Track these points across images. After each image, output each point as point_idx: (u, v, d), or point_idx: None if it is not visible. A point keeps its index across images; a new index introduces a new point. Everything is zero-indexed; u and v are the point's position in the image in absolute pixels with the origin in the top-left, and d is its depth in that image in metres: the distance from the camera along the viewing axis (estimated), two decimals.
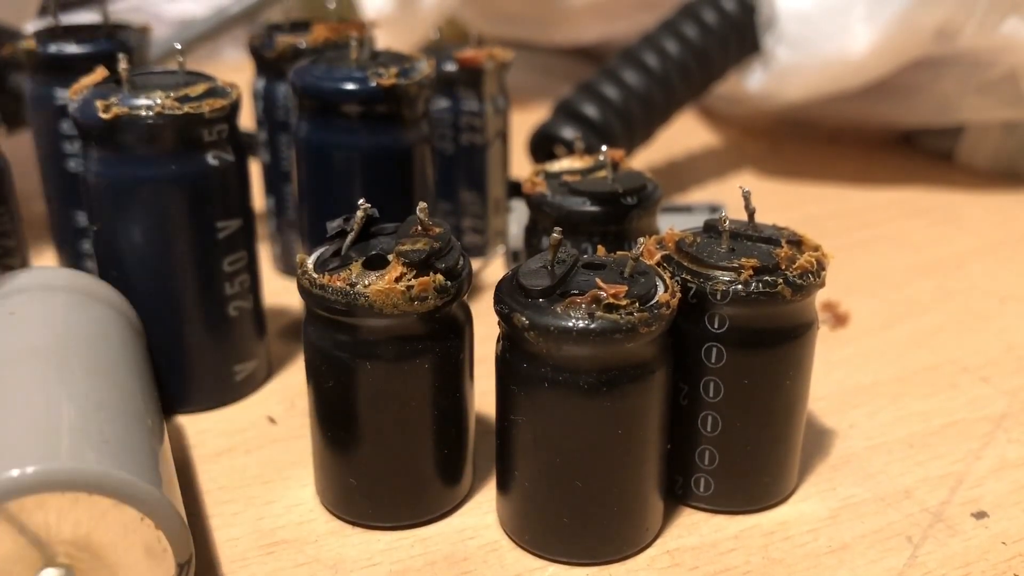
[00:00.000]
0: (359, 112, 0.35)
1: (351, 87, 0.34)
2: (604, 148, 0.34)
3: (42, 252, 0.44)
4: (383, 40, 0.44)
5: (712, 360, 0.27)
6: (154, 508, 0.23)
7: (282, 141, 0.42)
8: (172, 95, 0.30)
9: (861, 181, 0.56)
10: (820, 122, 0.62)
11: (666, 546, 0.28)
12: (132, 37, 0.40)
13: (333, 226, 0.27)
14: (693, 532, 0.29)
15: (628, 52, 0.51)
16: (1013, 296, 0.43)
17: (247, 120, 0.38)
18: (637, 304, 0.25)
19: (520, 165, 0.50)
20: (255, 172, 0.37)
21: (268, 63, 0.42)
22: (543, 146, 0.49)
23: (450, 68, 0.42)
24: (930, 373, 0.37)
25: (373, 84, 0.34)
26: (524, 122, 0.51)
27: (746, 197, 0.29)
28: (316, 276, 0.26)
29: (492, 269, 0.45)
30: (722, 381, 0.28)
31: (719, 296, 0.27)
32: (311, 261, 0.27)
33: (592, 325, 0.24)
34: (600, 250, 0.28)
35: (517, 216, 0.44)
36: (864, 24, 0.49)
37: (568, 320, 0.24)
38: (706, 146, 0.63)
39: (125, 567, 0.23)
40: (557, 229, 0.26)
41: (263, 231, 0.43)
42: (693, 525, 0.29)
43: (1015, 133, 0.56)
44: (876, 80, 0.52)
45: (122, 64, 0.31)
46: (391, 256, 0.26)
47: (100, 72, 0.32)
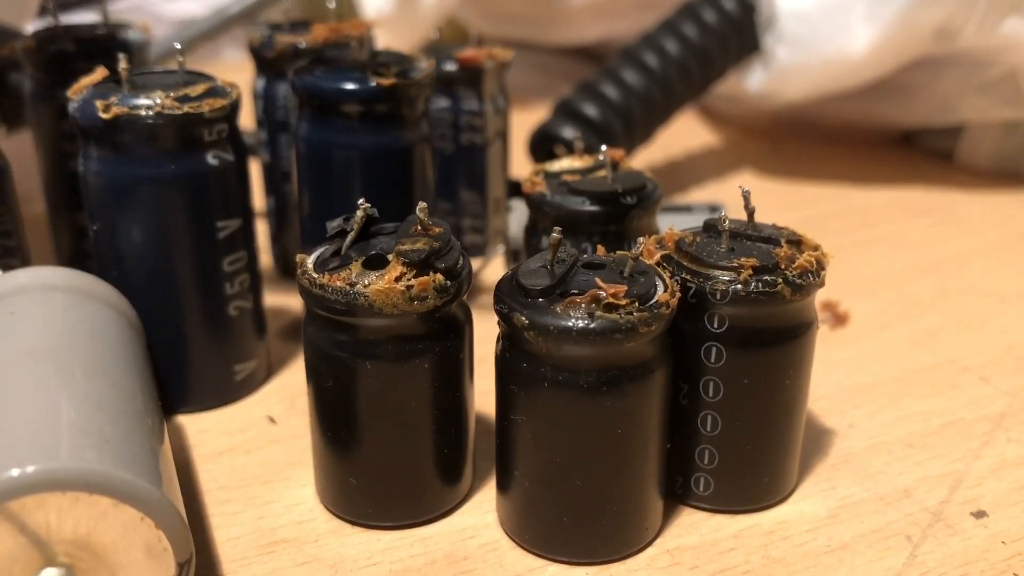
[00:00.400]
0: (359, 112, 0.35)
1: (351, 87, 0.34)
2: (604, 148, 0.34)
3: (42, 252, 0.44)
4: (383, 40, 0.44)
5: (712, 360, 0.27)
6: (154, 508, 0.23)
7: (282, 141, 0.42)
8: (172, 95, 0.30)
9: (861, 181, 0.56)
10: (820, 122, 0.62)
11: (666, 545, 0.28)
12: (132, 37, 0.40)
13: (333, 226, 0.27)
14: (693, 531, 0.29)
15: (628, 52, 0.51)
16: (1013, 296, 0.43)
17: (247, 120, 0.38)
18: (637, 304, 0.25)
19: (520, 165, 0.50)
20: (255, 172, 0.37)
21: (268, 63, 0.42)
22: (543, 146, 0.49)
23: (450, 68, 0.42)
24: (930, 373, 0.37)
25: (373, 84, 0.34)
26: (524, 122, 0.51)
27: (746, 197, 0.29)
28: (316, 276, 0.26)
29: (492, 269, 0.45)
30: (722, 381, 0.28)
31: (719, 296, 0.27)
32: (311, 261, 0.27)
33: (592, 325, 0.24)
34: (600, 250, 0.28)
35: (517, 216, 0.44)
36: (864, 24, 0.49)
37: (568, 320, 0.24)
38: (706, 146, 0.62)
39: (125, 567, 0.23)
40: (557, 229, 0.26)
41: (263, 231, 0.43)
42: (693, 524, 0.29)
43: (1015, 133, 0.56)
44: (876, 80, 0.52)
45: (122, 64, 0.31)
46: (391, 256, 0.26)
47: (100, 72, 0.32)
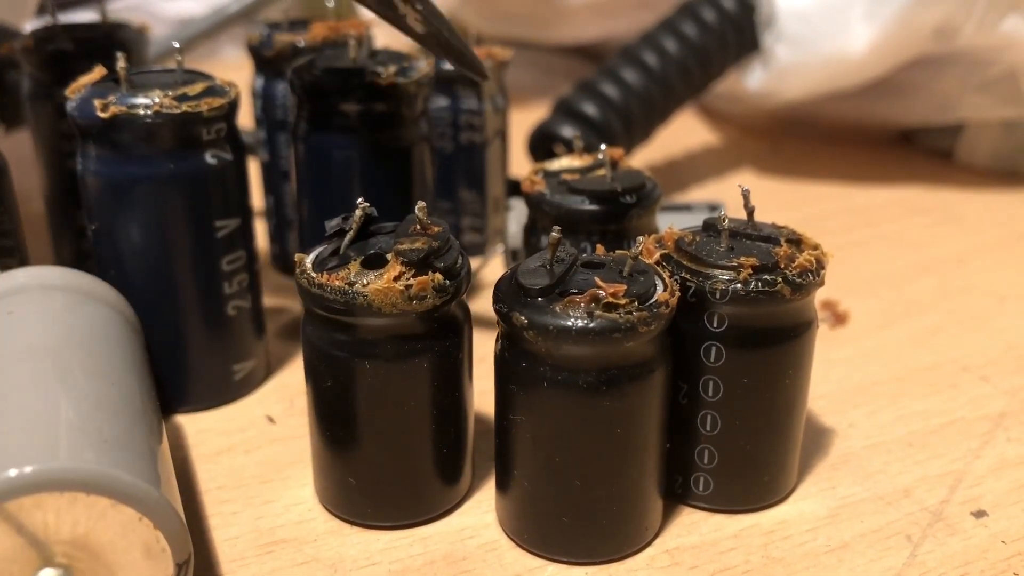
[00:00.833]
0: (358, 111, 0.35)
1: (350, 86, 0.34)
2: (603, 147, 0.34)
3: (41, 251, 0.44)
4: (382, 39, 0.44)
5: (711, 359, 0.27)
6: (153, 508, 0.23)
7: (281, 140, 0.42)
8: (170, 94, 0.30)
9: (860, 180, 0.56)
10: (819, 121, 0.62)
11: (665, 545, 0.28)
12: (130, 36, 0.40)
13: (332, 225, 0.27)
14: (692, 531, 0.29)
15: (627, 51, 0.51)
16: (1013, 295, 0.43)
17: (246, 119, 0.37)
18: (636, 303, 0.25)
19: (519, 164, 0.50)
20: (254, 171, 0.37)
21: (267, 62, 0.42)
22: (542, 145, 0.49)
23: (449, 67, 0.42)
24: (930, 372, 0.37)
25: (372, 83, 0.34)
26: (523, 121, 0.51)
27: (745, 196, 0.29)
28: (315, 275, 0.26)
29: (491, 268, 0.45)
30: (721, 380, 0.28)
31: (718, 295, 0.27)
32: (310, 260, 0.27)
33: (591, 324, 0.24)
34: (599, 249, 0.28)
35: (516, 215, 0.44)
36: (864, 22, 0.49)
37: (567, 319, 0.24)
38: (705, 145, 0.62)
39: (123, 567, 0.23)
40: (556, 228, 0.26)
41: (262, 230, 0.43)
42: (692, 524, 0.29)
43: (1015, 132, 0.56)
44: (875, 79, 0.52)
45: (120, 63, 0.31)
46: (390, 255, 0.26)
47: (98, 71, 0.32)
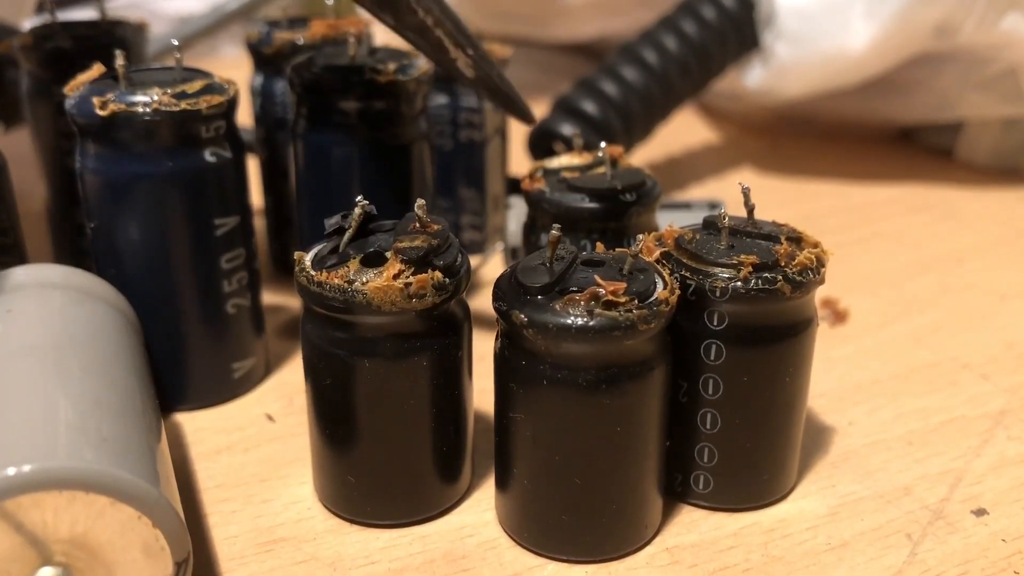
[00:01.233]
0: (357, 109, 0.35)
1: (349, 84, 0.34)
2: (603, 144, 0.33)
3: (40, 249, 0.43)
4: (381, 37, 0.44)
5: (711, 357, 0.27)
6: (152, 506, 0.23)
7: (280, 138, 0.42)
8: (169, 92, 0.30)
9: (860, 177, 0.56)
10: (819, 118, 0.62)
11: (665, 544, 0.28)
12: (129, 33, 0.40)
13: (331, 223, 0.27)
14: (692, 530, 0.29)
15: (627, 49, 0.51)
16: (1013, 293, 0.43)
17: (245, 117, 0.37)
18: (636, 301, 0.25)
19: (519, 162, 0.50)
20: (253, 169, 0.37)
21: (266, 60, 0.42)
22: (542, 143, 0.49)
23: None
24: (930, 370, 0.37)
25: (371, 80, 0.34)
26: None
27: (745, 194, 0.29)
28: (314, 273, 0.26)
29: (491, 266, 0.45)
30: (721, 378, 0.27)
31: (718, 293, 0.27)
32: (309, 258, 0.27)
33: (591, 322, 0.24)
34: (599, 247, 0.28)
35: (516, 213, 0.44)
36: (863, 20, 0.49)
37: (567, 317, 0.24)
38: (705, 143, 0.62)
39: (122, 566, 0.23)
40: (556, 226, 0.26)
41: (261, 228, 0.42)
42: (692, 523, 0.29)
43: (1014, 129, 0.56)
44: (875, 76, 0.52)
45: (119, 61, 0.31)
46: (389, 253, 0.26)
47: (97, 68, 0.32)
